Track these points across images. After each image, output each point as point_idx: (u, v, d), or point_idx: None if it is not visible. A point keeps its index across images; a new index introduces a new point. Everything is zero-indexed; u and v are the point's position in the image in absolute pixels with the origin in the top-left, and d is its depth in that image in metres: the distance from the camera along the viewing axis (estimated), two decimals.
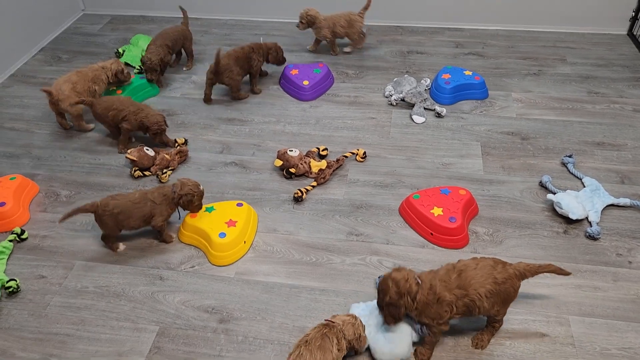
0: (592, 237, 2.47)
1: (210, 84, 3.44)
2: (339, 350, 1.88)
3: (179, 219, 2.59)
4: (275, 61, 3.57)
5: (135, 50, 3.93)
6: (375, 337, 2.05)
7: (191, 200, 2.46)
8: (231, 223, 2.49)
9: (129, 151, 2.91)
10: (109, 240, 2.52)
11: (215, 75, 3.36)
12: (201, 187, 2.50)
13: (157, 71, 3.49)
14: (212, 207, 2.59)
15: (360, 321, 1.99)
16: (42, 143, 3.23)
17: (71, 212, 2.36)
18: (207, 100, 3.51)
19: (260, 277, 2.39)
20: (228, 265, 2.44)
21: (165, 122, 3.05)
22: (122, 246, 2.55)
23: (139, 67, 3.75)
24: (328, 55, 3.97)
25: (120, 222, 2.43)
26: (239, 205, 2.60)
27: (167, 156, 2.96)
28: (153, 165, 2.94)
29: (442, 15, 4.22)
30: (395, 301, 1.90)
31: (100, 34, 4.40)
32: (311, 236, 2.57)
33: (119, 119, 3.04)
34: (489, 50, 3.94)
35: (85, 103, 3.09)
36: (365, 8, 3.80)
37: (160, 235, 2.54)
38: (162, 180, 2.88)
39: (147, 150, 2.94)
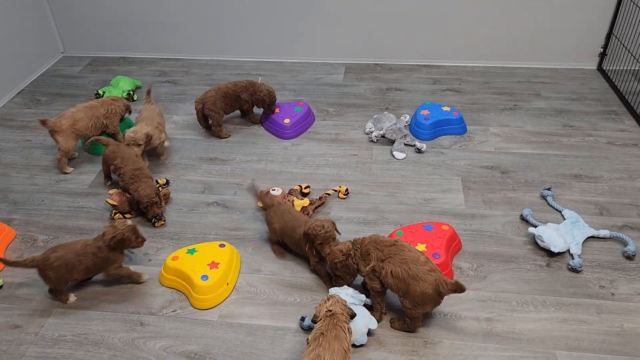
0: (574, 270, 2.49)
1: (199, 115, 3.49)
2: (350, 332, 2.02)
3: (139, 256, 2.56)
4: (262, 107, 3.52)
5: (116, 92, 3.93)
6: None
7: (122, 239, 2.36)
8: (213, 265, 2.45)
9: (109, 193, 2.87)
10: (57, 293, 2.42)
11: (202, 103, 3.42)
12: (128, 222, 2.40)
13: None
14: (194, 248, 2.55)
15: (338, 296, 2.16)
16: (19, 187, 3.18)
17: (12, 263, 2.28)
18: (207, 129, 3.59)
19: (244, 320, 2.34)
20: (211, 308, 2.39)
21: (157, 194, 2.84)
22: (72, 297, 2.45)
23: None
24: (308, 93, 4.01)
25: (63, 276, 2.33)
26: (222, 246, 2.57)
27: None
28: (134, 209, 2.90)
29: (419, 53, 4.32)
30: (344, 260, 2.26)
31: (80, 75, 4.40)
32: (295, 276, 2.54)
33: (116, 173, 2.97)
34: (465, 86, 4.04)
35: (100, 142, 3.10)
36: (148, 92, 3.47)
37: (130, 277, 2.48)
38: (156, 226, 2.84)
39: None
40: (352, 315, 2.08)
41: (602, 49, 4.12)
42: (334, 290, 2.30)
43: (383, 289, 2.23)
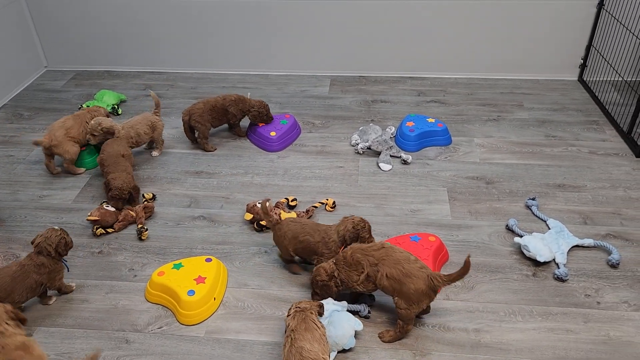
0: (560, 279, 2.51)
1: (186, 127, 3.49)
2: (322, 326, 2.04)
3: (67, 270, 2.52)
4: (258, 120, 3.53)
5: (101, 105, 3.90)
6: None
7: (65, 243, 2.38)
8: (200, 279, 2.43)
9: (89, 213, 2.83)
10: None
11: (189, 115, 3.42)
12: (56, 227, 2.40)
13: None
14: (180, 263, 2.53)
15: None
16: (1, 203, 3.12)
17: None
18: (193, 141, 3.57)
19: (232, 335, 2.31)
20: (198, 324, 2.36)
21: (132, 191, 2.95)
22: (53, 299, 2.48)
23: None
24: (294, 106, 4.02)
25: (3, 300, 2.21)
26: (208, 260, 2.54)
27: (131, 212, 2.90)
28: (116, 221, 2.87)
29: (404, 65, 4.36)
30: (327, 282, 2.27)
31: (63, 90, 4.37)
32: (283, 289, 2.53)
33: (102, 168, 3.08)
34: (450, 98, 4.08)
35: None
36: (158, 106, 3.49)
37: (60, 291, 2.48)
38: (142, 238, 2.81)
39: (108, 207, 2.87)
40: (321, 312, 2.10)
41: (582, 61, 4.19)
42: None
43: (375, 289, 2.28)
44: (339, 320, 2.19)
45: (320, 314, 2.11)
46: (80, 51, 4.59)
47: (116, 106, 3.97)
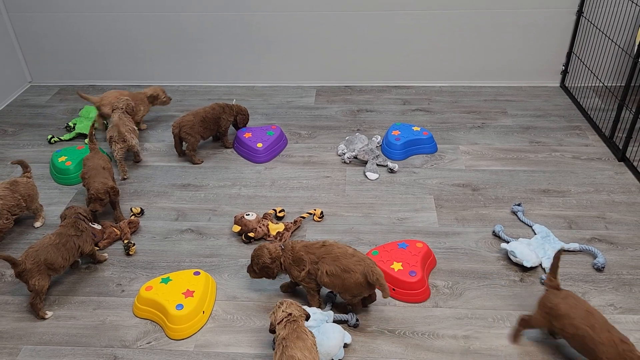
0: None
1: (176, 140, 3.49)
2: (312, 335, 2.05)
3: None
4: (243, 124, 3.69)
5: (86, 122, 3.88)
6: None
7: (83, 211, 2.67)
8: (188, 293, 2.42)
9: None
10: (38, 302, 2.43)
11: (179, 127, 3.42)
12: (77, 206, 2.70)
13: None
14: (168, 277, 2.52)
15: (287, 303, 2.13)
16: None
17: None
18: (181, 154, 3.58)
19: (221, 349, 2.30)
20: (187, 338, 2.35)
21: (110, 192, 2.89)
22: (49, 313, 2.47)
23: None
24: (280, 117, 4.04)
25: (51, 266, 2.43)
26: (196, 274, 2.53)
27: (116, 230, 2.88)
28: (102, 239, 2.84)
29: (389, 74, 4.40)
30: (269, 264, 2.38)
31: (48, 105, 4.34)
32: (272, 301, 2.52)
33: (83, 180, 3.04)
34: (434, 106, 4.11)
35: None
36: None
37: (94, 257, 2.70)
38: (130, 253, 2.79)
39: (94, 225, 2.85)
40: (307, 317, 2.12)
41: (563, 67, 4.26)
42: None
43: (319, 288, 2.39)
44: (330, 331, 2.19)
45: (307, 317, 2.12)
46: (64, 66, 4.57)
47: (105, 122, 3.94)
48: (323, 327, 2.22)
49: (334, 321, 2.33)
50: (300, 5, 4.14)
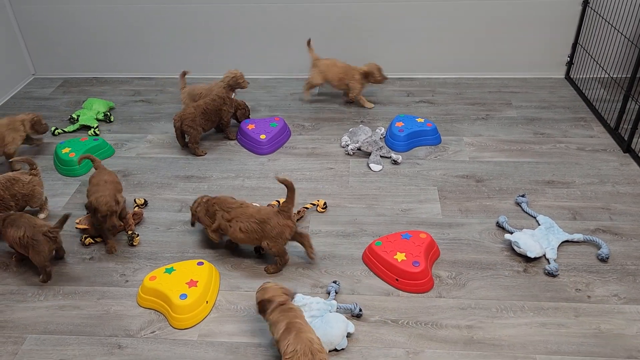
0: (550, 274, 2.52)
1: (178, 133, 3.49)
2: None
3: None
4: (244, 118, 3.72)
5: (90, 114, 3.89)
6: (313, 323, 2.18)
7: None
8: (192, 283, 2.42)
9: (77, 220, 2.82)
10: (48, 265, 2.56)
11: (181, 120, 3.41)
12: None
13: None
14: (172, 267, 2.52)
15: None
16: None
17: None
18: (184, 146, 3.59)
19: (225, 338, 2.31)
20: (190, 327, 2.36)
21: (117, 203, 2.72)
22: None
23: (93, 132, 3.74)
24: (284, 109, 4.03)
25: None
26: (200, 264, 2.54)
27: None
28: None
29: (393, 66, 4.38)
30: (192, 211, 2.72)
31: (52, 97, 4.35)
32: None
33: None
34: (438, 98, 4.10)
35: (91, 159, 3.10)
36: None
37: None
38: (134, 244, 2.80)
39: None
40: (292, 296, 2.19)
41: (569, 59, 4.23)
42: (300, 298, 2.34)
43: (221, 238, 2.67)
44: (333, 321, 2.20)
45: (293, 296, 2.21)
46: (68, 58, 4.58)
47: (108, 113, 3.96)
48: (326, 316, 2.23)
49: (337, 311, 2.33)
50: None
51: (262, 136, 3.50)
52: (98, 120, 3.92)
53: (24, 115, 3.41)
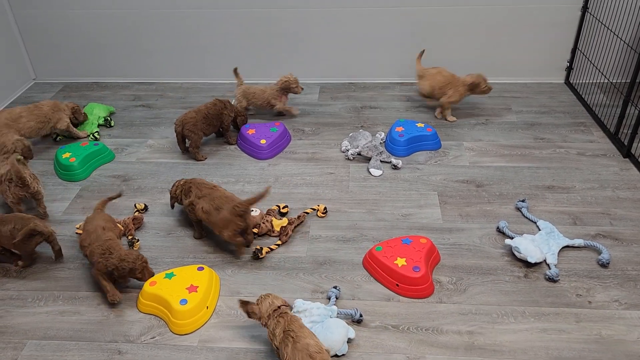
0: (551, 280, 2.52)
1: (179, 137, 3.50)
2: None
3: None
4: (242, 125, 3.72)
5: (91, 119, 3.90)
6: (313, 329, 2.19)
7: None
8: (192, 288, 2.42)
9: (77, 226, 2.81)
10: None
11: (182, 124, 3.42)
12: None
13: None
14: (172, 272, 2.52)
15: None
16: None
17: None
18: (184, 151, 3.60)
19: (225, 344, 2.30)
20: (191, 333, 2.35)
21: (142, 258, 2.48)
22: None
23: (93, 137, 3.75)
24: (284, 114, 4.03)
25: None
26: (200, 269, 2.54)
27: (119, 226, 2.88)
28: None
29: (392, 71, 4.40)
30: (172, 193, 2.93)
31: None
32: None
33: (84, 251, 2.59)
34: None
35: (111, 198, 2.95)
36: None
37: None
38: (134, 249, 2.80)
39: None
40: (290, 308, 2.24)
41: (568, 64, 4.24)
42: (300, 304, 2.34)
43: (198, 221, 2.79)
44: (334, 326, 2.19)
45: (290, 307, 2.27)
46: (68, 63, 4.59)
47: (108, 118, 3.96)
48: (327, 322, 2.22)
49: (338, 316, 2.33)
50: (304, 3, 4.13)
51: (263, 141, 3.51)
52: (99, 125, 3.92)
53: (65, 103, 3.71)
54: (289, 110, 3.93)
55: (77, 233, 2.86)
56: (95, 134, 3.76)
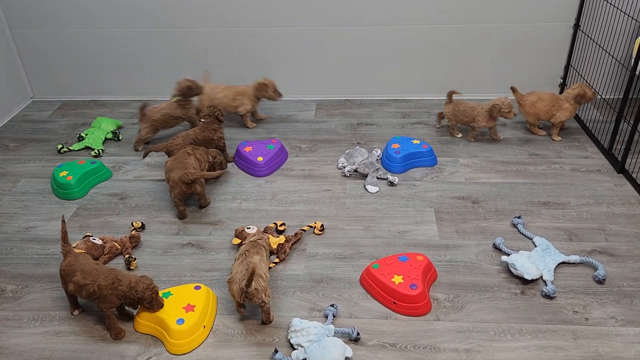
0: (548, 296, 2.53)
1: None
2: (269, 253, 2.68)
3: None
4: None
5: (99, 133, 3.94)
6: (310, 348, 2.22)
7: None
8: (189, 308, 2.41)
9: (75, 245, 2.81)
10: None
11: (167, 150, 3.40)
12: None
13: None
14: (169, 292, 2.51)
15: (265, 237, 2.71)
16: None
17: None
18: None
19: None
20: (188, 353, 2.34)
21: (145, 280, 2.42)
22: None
23: (96, 151, 3.76)
24: (281, 131, 4.06)
25: None
26: (197, 288, 2.53)
27: (116, 244, 2.88)
28: (102, 254, 2.84)
29: (388, 87, 4.43)
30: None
31: (50, 120, 4.37)
32: (273, 315, 2.51)
33: (79, 293, 2.42)
34: (434, 119, 4.13)
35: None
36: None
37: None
38: (131, 268, 2.79)
39: (95, 239, 2.85)
40: (272, 251, 2.71)
41: (562, 80, 4.29)
42: (297, 323, 2.35)
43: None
44: (331, 345, 2.19)
45: (272, 251, 2.73)
46: (66, 81, 4.61)
47: (117, 132, 4.00)
48: (324, 341, 2.22)
49: (335, 335, 2.33)
50: (299, 20, 4.18)
51: (259, 158, 3.52)
52: (107, 139, 3.96)
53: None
54: (255, 116, 4.08)
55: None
56: (100, 151, 3.78)
